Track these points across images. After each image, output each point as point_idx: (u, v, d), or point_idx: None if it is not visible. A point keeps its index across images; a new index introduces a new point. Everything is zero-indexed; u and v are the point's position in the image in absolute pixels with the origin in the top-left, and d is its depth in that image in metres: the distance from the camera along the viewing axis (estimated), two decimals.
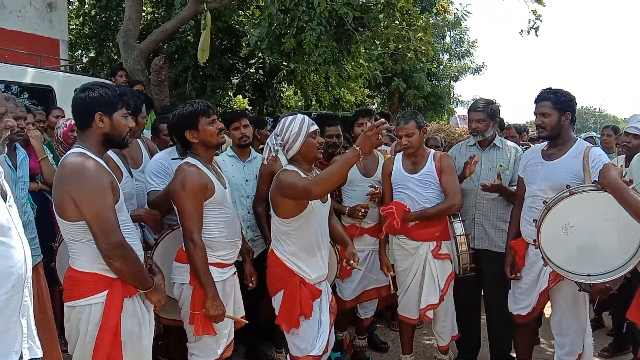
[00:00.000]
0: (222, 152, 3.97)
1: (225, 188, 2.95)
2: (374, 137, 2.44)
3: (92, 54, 12.95)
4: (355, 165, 3.86)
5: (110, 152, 2.75)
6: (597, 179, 2.78)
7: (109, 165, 2.63)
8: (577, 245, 2.70)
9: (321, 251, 2.93)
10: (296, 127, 2.78)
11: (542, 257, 2.79)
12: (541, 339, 4.53)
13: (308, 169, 2.87)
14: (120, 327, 2.30)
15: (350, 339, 4.20)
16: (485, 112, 3.77)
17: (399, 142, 3.62)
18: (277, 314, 2.91)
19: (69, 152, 2.34)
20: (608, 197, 2.56)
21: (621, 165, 4.03)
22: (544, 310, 3.90)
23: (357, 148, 2.45)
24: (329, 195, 2.99)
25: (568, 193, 2.73)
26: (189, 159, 2.84)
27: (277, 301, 2.92)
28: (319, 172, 2.96)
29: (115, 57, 11.97)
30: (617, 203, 2.46)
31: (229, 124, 3.73)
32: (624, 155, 4.17)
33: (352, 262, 3.10)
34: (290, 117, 2.85)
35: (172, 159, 3.30)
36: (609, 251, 2.65)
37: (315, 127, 2.85)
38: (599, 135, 5.62)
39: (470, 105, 3.98)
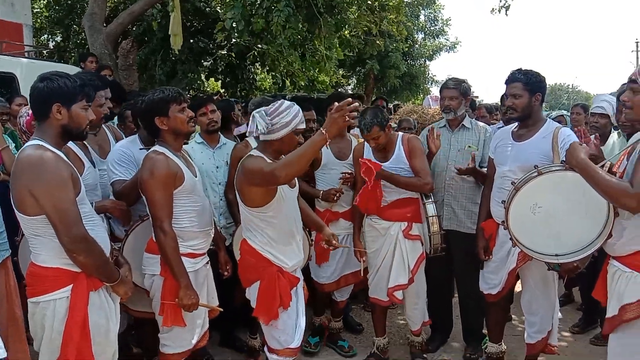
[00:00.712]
0: (191, 139, 3.89)
1: (196, 176, 2.90)
2: (341, 118, 2.35)
3: (58, 39, 12.57)
4: (329, 149, 3.87)
5: (70, 143, 2.68)
6: (565, 159, 2.80)
7: (69, 156, 2.57)
8: (544, 225, 2.72)
9: (295, 237, 2.88)
10: (289, 116, 2.65)
11: (511, 238, 2.81)
12: (513, 316, 4.61)
13: (276, 158, 2.77)
14: (88, 321, 2.27)
15: (326, 320, 4.22)
16: (458, 89, 3.79)
17: (368, 143, 3.58)
18: (253, 306, 2.84)
19: (26, 145, 2.28)
20: (576, 177, 2.57)
21: None
22: (516, 288, 3.98)
23: (324, 131, 2.37)
24: (296, 179, 2.94)
25: (536, 173, 2.74)
26: (157, 147, 2.77)
27: (252, 293, 2.84)
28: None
29: (84, 42, 11.65)
30: (585, 183, 2.48)
31: (195, 109, 3.64)
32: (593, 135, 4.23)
33: (334, 242, 3.06)
34: (287, 103, 2.72)
35: (140, 149, 3.22)
36: (576, 231, 2.67)
37: (304, 125, 2.75)
38: (569, 114, 5.68)
39: (443, 83, 3.98)
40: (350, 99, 2.40)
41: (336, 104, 2.42)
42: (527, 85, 3.14)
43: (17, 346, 2.86)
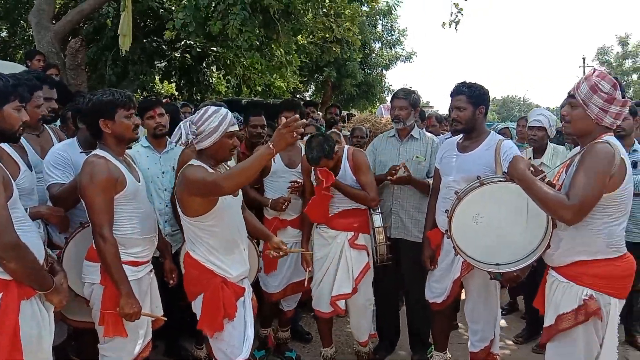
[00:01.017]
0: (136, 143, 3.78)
1: (139, 181, 2.81)
2: (289, 134, 2.35)
3: (4, 34, 12.06)
4: (279, 156, 3.85)
5: (5, 145, 2.56)
6: (507, 170, 2.87)
7: (3, 158, 2.46)
8: (486, 235, 2.77)
9: (239, 246, 2.82)
10: (215, 122, 2.61)
11: (454, 247, 2.85)
12: (459, 324, 4.69)
13: (215, 166, 2.73)
14: (19, 331, 2.16)
15: (273, 329, 4.17)
16: (408, 100, 3.85)
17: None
18: (198, 319, 2.77)
19: None
20: (517, 188, 2.63)
21: (529, 158, 4.25)
22: (462, 296, 4.04)
23: (271, 145, 2.36)
24: (239, 190, 2.90)
25: (479, 184, 2.79)
26: (98, 151, 2.68)
27: (197, 306, 2.77)
28: (228, 168, 2.87)
29: (31, 39, 11.22)
30: (524, 195, 2.55)
31: (143, 112, 3.55)
32: (532, 148, 4.40)
33: (284, 247, 3.05)
34: (213, 109, 2.68)
35: (80, 152, 3.10)
36: (517, 241, 2.73)
37: (235, 127, 2.71)
38: (515, 126, 5.86)
39: (394, 93, 4.03)
40: (297, 116, 2.39)
41: (283, 119, 2.39)
42: (470, 98, 3.22)
43: None
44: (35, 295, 2.26)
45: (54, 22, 7.99)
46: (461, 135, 3.43)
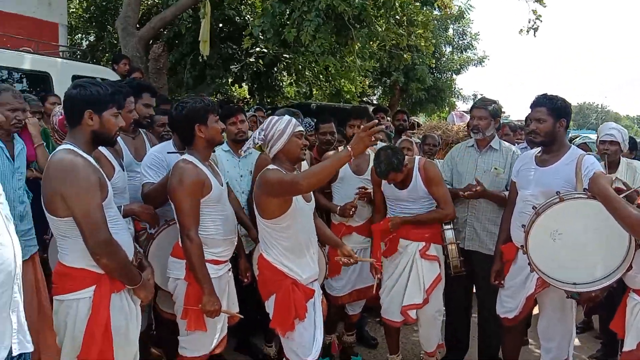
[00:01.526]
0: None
1: (222, 185, 2.96)
2: (367, 138, 2.43)
3: (92, 39, 12.86)
4: (347, 164, 3.89)
5: (101, 147, 2.76)
6: (587, 187, 2.78)
7: (100, 160, 2.66)
8: (564, 252, 2.70)
9: (309, 250, 2.91)
10: (282, 125, 2.76)
11: (529, 264, 2.80)
12: (530, 340, 4.56)
13: (290, 169, 2.83)
14: (110, 323, 2.33)
15: (338, 335, 4.23)
16: (488, 110, 3.78)
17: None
18: (270, 318, 2.87)
19: (58, 149, 2.36)
20: (598, 206, 2.55)
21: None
22: (534, 311, 3.94)
23: (350, 149, 2.46)
24: (312, 194, 2.99)
25: (558, 199, 2.72)
26: (187, 156, 2.84)
27: (270, 305, 2.88)
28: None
29: (116, 42, 11.90)
30: (606, 213, 2.46)
31: (225, 118, 3.71)
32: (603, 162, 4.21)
33: (354, 255, 3.10)
34: (277, 117, 2.86)
35: (168, 153, 3.30)
36: (596, 260, 2.64)
37: (301, 128, 2.83)
38: (593, 140, 5.62)
39: (474, 102, 3.97)
40: (376, 121, 2.48)
41: (357, 122, 2.46)
42: (551, 110, 3.12)
43: (46, 334, 2.97)
44: (124, 290, 2.43)
45: (138, 27, 8.46)
46: (539, 148, 3.34)
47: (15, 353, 1.90)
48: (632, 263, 2.48)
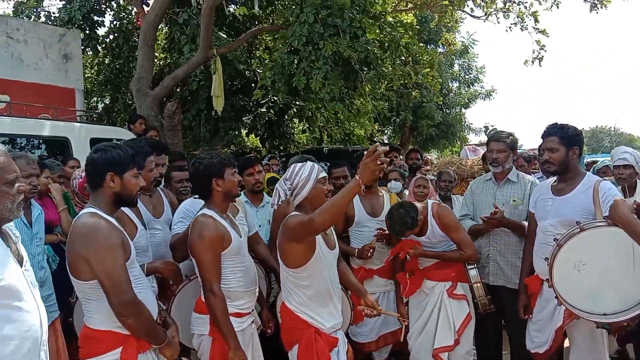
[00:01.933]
0: None
1: (241, 237, 2.98)
2: (372, 163, 2.36)
3: (107, 101, 13.26)
4: (361, 206, 3.92)
5: (124, 208, 2.83)
6: (607, 214, 2.76)
7: (123, 220, 2.71)
8: (590, 283, 2.66)
9: (333, 299, 2.86)
10: (306, 172, 2.76)
11: (556, 297, 2.75)
12: None
13: None
14: None
15: None
16: (506, 143, 3.79)
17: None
18: None
19: (81, 212, 2.41)
20: (620, 233, 2.53)
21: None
22: (565, 344, 3.83)
23: (358, 178, 2.40)
24: (336, 241, 2.98)
25: (579, 229, 2.70)
26: (205, 211, 2.88)
27: (293, 356, 2.82)
28: None
29: (130, 103, 12.25)
30: (629, 240, 2.44)
31: (243, 170, 3.77)
32: (620, 187, 4.18)
33: (378, 307, 3.01)
34: (300, 164, 2.85)
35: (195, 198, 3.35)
36: (624, 288, 2.60)
37: (324, 173, 2.85)
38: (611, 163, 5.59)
39: (491, 135, 3.99)
40: (378, 143, 2.46)
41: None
42: (563, 139, 3.14)
43: None
44: (150, 349, 2.43)
45: (151, 87, 8.74)
46: (554, 178, 3.34)
47: None
48: None
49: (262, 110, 10.52)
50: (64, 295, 3.31)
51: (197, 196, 3.47)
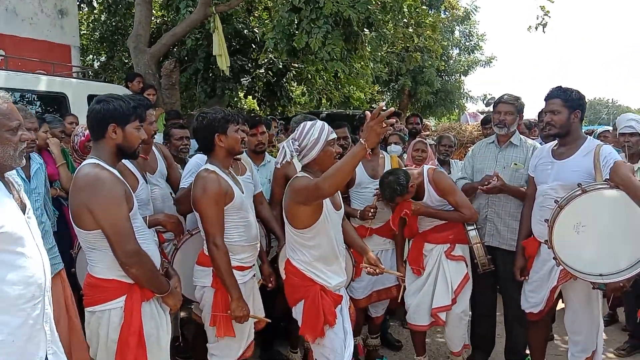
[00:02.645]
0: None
1: (243, 193, 2.99)
2: (377, 126, 2.27)
3: (103, 59, 13.07)
4: (362, 167, 3.93)
5: (125, 160, 2.82)
6: (608, 177, 2.78)
7: (125, 173, 2.71)
8: (588, 244, 2.69)
9: (338, 259, 2.87)
10: (316, 133, 2.69)
11: (554, 257, 2.79)
12: (555, 335, 4.53)
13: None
14: (143, 330, 2.38)
15: (363, 338, 4.23)
16: (514, 105, 3.80)
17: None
18: (299, 324, 2.84)
19: (83, 163, 2.40)
20: (621, 195, 2.54)
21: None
22: (558, 306, 3.91)
23: (363, 142, 2.32)
24: (342, 202, 2.97)
25: (580, 191, 2.72)
26: (208, 166, 2.87)
27: (298, 312, 2.85)
28: None
29: (127, 61, 12.08)
30: (629, 201, 2.45)
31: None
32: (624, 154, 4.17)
33: (381, 266, 3.01)
34: (310, 123, 2.77)
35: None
36: (621, 250, 2.63)
37: (334, 135, 2.79)
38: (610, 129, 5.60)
39: (498, 97, 3.97)
40: (382, 103, 2.38)
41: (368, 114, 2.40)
42: (566, 102, 3.13)
43: (78, 354, 3.01)
44: (154, 298, 2.47)
45: (149, 45, 8.59)
46: (555, 142, 3.34)
47: None
48: None
49: (260, 71, 10.39)
50: (64, 248, 3.34)
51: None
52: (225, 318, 2.79)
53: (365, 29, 7.53)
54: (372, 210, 3.75)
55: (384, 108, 2.29)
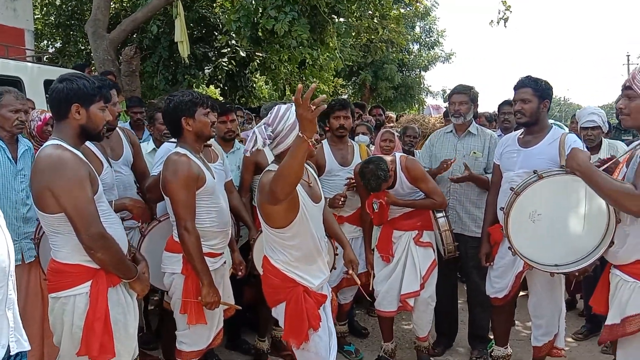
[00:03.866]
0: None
1: (214, 178, 2.93)
2: (307, 113, 2.00)
3: (58, 44, 12.59)
4: (332, 155, 3.92)
5: (88, 143, 2.72)
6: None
7: (89, 156, 2.61)
8: (544, 233, 2.69)
9: (321, 254, 2.62)
10: (292, 117, 2.36)
11: (509, 247, 2.81)
12: (516, 321, 4.65)
13: None
14: (110, 316, 2.30)
15: None
16: (468, 95, 3.88)
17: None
18: (282, 327, 2.60)
19: (45, 144, 2.31)
20: (577, 182, 2.51)
21: None
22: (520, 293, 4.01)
23: (301, 134, 2.06)
24: (322, 193, 2.75)
25: (536, 177, 2.71)
26: (179, 149, 2.80)
27: (279, 313, 2.60)
28: (309, 168, 2.68)
29: (83, 48, 11.66)
30: (585, 188, 2.46)
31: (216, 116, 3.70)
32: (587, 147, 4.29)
33: (350, 271, 2.90)
34: (285, 106, 2.46)
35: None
36: (577, 239, 2.63)
37: None
38: (561, 125, 5.75)
39: (453, 88, 4.04)
40: (300, 86, 2.08)
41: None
42: (536, 91, 3.19)
43: (51, 340, 2.89)
44: (120, 283, 2.40)
45: (107, 31, 8.32)
46: (521, 131, 3.41)
47: (12, 352, 1.84)
48: (613, 238, 2.48)
49: (223, 60, 10.21)
50: None
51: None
52: (196, 305, 2.73)
53: (333, 16, 7.49)
54: (342, 198, 3.76)
55: (302, 92, 2.01)
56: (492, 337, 3.87)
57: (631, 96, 2.35)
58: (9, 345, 1.82)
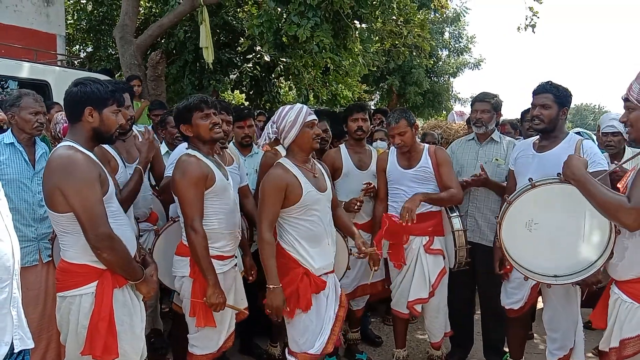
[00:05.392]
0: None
1: (227, 179, 2.94)
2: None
3: (89, 49, 12.90)
4: (349, 158, 3.91)
5: (106, 146, 2.78)
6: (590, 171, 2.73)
7: (106, 156, 2.68)
8: (542, 244, 2.61)
9: (325, 239, 2.88)
10: (292, 115, 2.78)
11: (503, 256, 2.72)
12: (535, 334, 4.54)
13: (304, 160, 2.85)
14: (114, 317, 2.33)
15: (343, 332, 4.19)
16: (490, 103, 3.81)
17: (392, 141, 3.60)
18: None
19: (58, 145, 2.36)
20: (572, 191, 2.39)
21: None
22: (537, 306, 3.91)
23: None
24: (328, 183, 2.97)
25: (530, 186, 2.63)
26: (189, 151, 2.85)
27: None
28: (316, 163, 2.97)
29: (113, 53, 11.91)
30: (582, 197, 2.37)
31: (234, 121, 3.75)
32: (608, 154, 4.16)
33: (363, 249, 3.00)
34: (289, 106, 2.86)
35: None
36: (576, 249, 2.55)
37: (313, 116, 2.83)
38: (591, 135, 5.58)
39: (475, 96, 3.98)
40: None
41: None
42: (557, 97, 3.11)
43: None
44: (127, 285, 2.42)
45: (135, 36, 8.50)
46: (536, 137, 3.34)
47: (16, 349, 1.88)
48: (613, 250, 2.40)
49: (248, 65, 10.31)
50: None
51: None
52: (204, 307, 2.75)
53: (355, 22, 7.48)
54: (358, 203, 3.73)
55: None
56: (507, 350, 3.77)
57: (630, 107, 2.29)
58: (12, 343, 1.85)
